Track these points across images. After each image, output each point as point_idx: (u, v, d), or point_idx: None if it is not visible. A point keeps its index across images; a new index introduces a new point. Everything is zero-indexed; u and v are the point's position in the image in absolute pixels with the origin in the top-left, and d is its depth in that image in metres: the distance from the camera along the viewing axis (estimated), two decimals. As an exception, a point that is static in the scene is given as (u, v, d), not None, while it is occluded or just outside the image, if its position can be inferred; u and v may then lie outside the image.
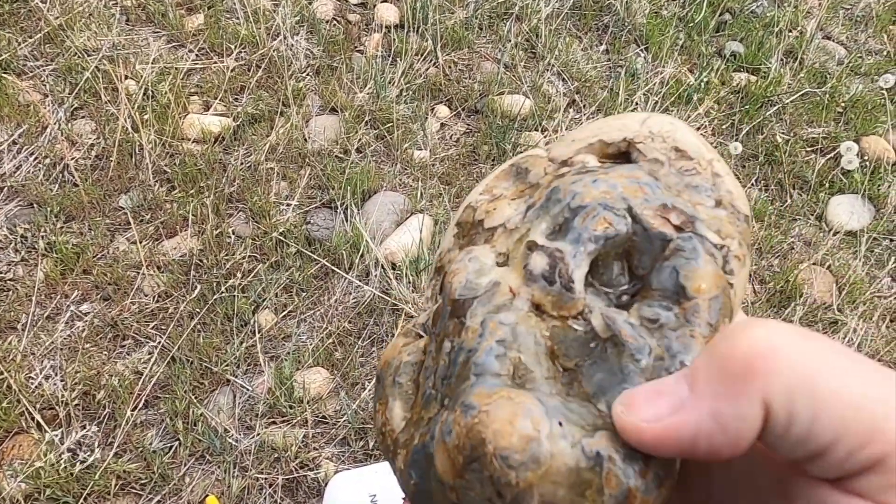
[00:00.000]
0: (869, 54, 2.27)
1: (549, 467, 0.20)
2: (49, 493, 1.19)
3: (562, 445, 0.20)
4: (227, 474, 1.27)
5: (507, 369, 0.22)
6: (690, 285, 0.22)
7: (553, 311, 0.23)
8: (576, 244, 0.23)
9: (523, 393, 0.21)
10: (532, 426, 0.20)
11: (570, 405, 0.22)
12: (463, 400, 0.21)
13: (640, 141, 0.26)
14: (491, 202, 0.27)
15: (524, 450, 0.20)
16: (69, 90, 1.72)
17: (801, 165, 1.93)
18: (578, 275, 0.23)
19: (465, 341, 0.23)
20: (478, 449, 0.20)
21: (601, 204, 0.23)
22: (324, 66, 1.91)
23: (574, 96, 1.99)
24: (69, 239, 1.50)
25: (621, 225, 0.23)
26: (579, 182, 0.24)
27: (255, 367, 1.41)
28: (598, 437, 0.21)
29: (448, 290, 0.24)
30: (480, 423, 0.20)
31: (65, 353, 1.37)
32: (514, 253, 0.24)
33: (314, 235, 1.60)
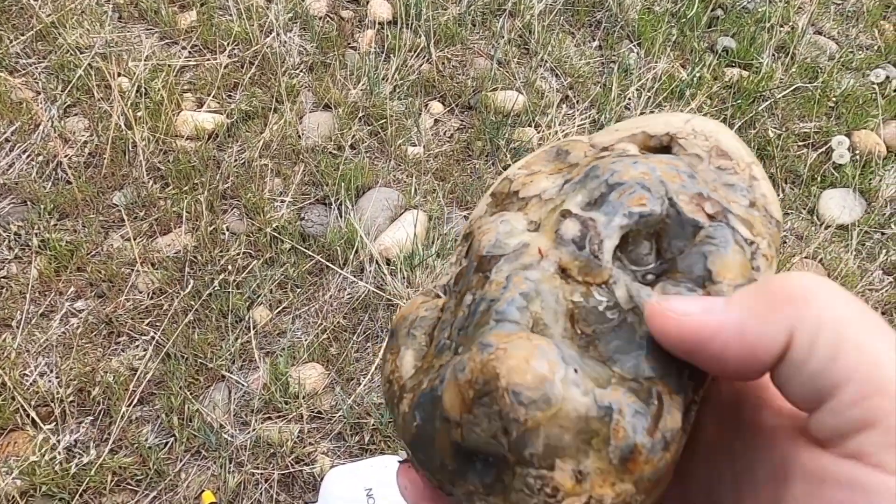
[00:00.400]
0: (860, 49, 2.28)
1: (560, 410, 0.20)
2: (44, 489, 1.19)
3: (574, 391, 0.20)
4: (223, 470, 1.28)
5: (527, 321, 0.22)
6: (717, 270, 0.23)
7: (579, 276, 0.23)
8: (610, 216, 0.23)
9: (542, 337, 0.21)
10: (548, 367, 0.20)
11: (586, 359, 0.22)
12: (480, 339, 0.22)
13: (682, 136, 0.26)
14: (528, 175, 0.27)
15: (537, 388, 0.20)
16: (62, 87, 1.72)
17: (793, 160, 1.94)
18: (608, 245, 0.23)
19: (489, 292, 0.23)
20: (490, 383, 0.20)
21: (639, 183, 0.24)
22: (317, 62, 1.91)
23: (567, 92, 2.00)
24: (63, 236, 1.50)
25: (656, 205, 0.23)
26: (619, 162, 0.24)
27: (250, 363, 1.41)
28: (610, 389, 0.21)
29: (476, 247, 0.25)
30: (496, 359, 0.21)
31: (59, 350, 1.36)
32: (547, 220, 0.24)
33: (308, 231, 1.60)
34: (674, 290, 0.23)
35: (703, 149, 0.26)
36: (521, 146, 1.82)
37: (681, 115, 0.27)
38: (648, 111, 1.96)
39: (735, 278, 0.23)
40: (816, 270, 1.72)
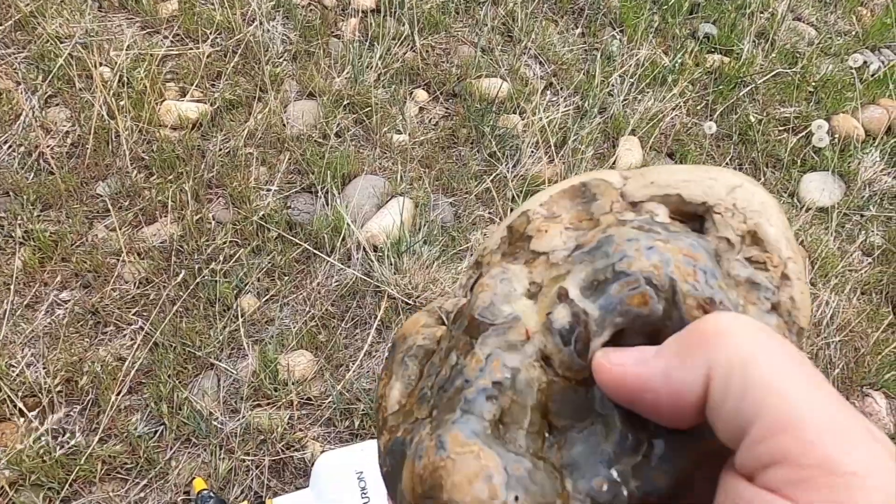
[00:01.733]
0: (838, 35, 2.31)
1: None
2: (34, 478, 1.19)
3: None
4: (214, 457, 1.28)
5: (493, 414, 0.22)
6: None
7: (559, 368, 0.22)
8: (604, 311, 0.22)
9: (493, 456, 0.21)
10: (488, 493, 0.20)
11: (536, 474, 0.21)
12: (441, 434, 0.22)
13: (719, 212, 0.24)
14: (545, 220, 0.26)
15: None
16: (42, 77, 1.70)
17: (774, 144, 1.96)
18: (595, 343, 0.22)
19: (467, 368, 0.23)
20: (435, 490, 0.21)
21: (646, 277, 0.22)
22: (301, 51, 1.90)
23: (551, 79, 2.01)
24: (47, 227, 1.49)
25: (657, 306, 0.22)
26: (634, 243, 0.22)
27: (239, 351, 1.41)
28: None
29: (472, 303, 0.25)
30: (444, 469, 0.21)
31: (46, 340, 1.36)
32: (547, 290, 0.23)
33: (295, 220, 1.60)
34: None
35: (738, 232, 0.23)
36: (506, 133, 1.82)
37: (731, 176, 0.24)
38: (632, 97, 1.98)
39: None
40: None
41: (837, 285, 1.69)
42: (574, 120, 1.89)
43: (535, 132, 1.81)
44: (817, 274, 1.71)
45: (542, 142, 1.81)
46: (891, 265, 1.77)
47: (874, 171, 1.92)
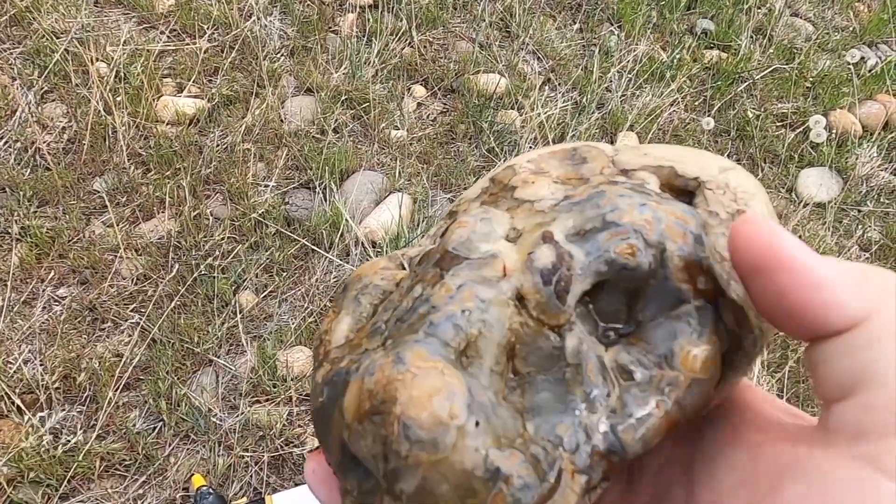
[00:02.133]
0: (835, 31, 2.31)
1: (444, 459, 0.19)
2: (32, 476, 1.19)
3: (468, 444, 0.19)
4: (213, 453, 1.27)
5: (458, 343, 0.21)
6: (681, 356, 0.21)
7: (534, 310, 0.21)
8: (590, 257, 0.21)
9: (458, 375, 0.20)
10: (449, 411, 0.19)
11: (500, 409, 0.20)
12: (400, 351, 0.20)
13: (710, 187, 0.23)
14: (533, 173, 0.25)
15: (429, 429, 0.19)
16: (38, 73, 1.69)
17: (772, 140, 1.97)
18: (576, 289, 0.21)
19: (435, 296, 0.21)
20: (386, 405, 0.19)
21: (637, 230, 0.21)
22: (298, 46, 1.90)
23: (549, 75, 2.01)
24: (43, 223, 1.48)
25: (644, 260, 0.21)
26: (627, 199, 0.22)
27: (238, 347, 1.41)
28: (507, 453, 0.19)
29: (447, 237, 0.23)
30: (401, 382, 0.19)
31: (43, 337, 1.35)
32: (529, 234, 0.22)
33: (293, 216, 1.59)
34: (627, 359, 0.21)
35: (727, 210, 0.22)
36: (505, 129, 1.82)
37: (723, 160, 0.24)
38: (630, 93, 1.98)
39: (697, 371, 0.20)
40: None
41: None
42: (572, 115, 1.89)
43: (534, 128, 1.81)
44: (815, 269, 1.71)
45: (540, 137, 1.81)
46: (888, 260, 1.77)
47: (871, 166, 1.93)
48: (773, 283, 0.19)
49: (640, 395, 0.20)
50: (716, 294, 0.21)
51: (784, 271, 0.19)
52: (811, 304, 0.19)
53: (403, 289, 0.23)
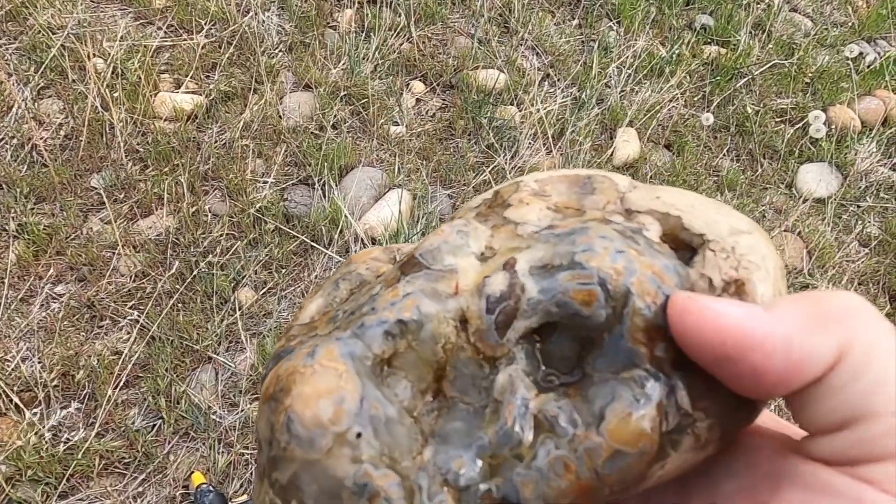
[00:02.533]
0: (834, 26, 2.31)
1: (317, 461, 0.19)
2: (31, 474, 1.18)
3: (343, 453, 0.19)
4: (213, 450, 1.27)
5: (384, 351, 0.20)
6: (610, 422, 0.19)
7: (473, 335, 0.20)
8: (542, 295, 0.20)
9: (357, 384, 0.20)
10: (333, 415, 0.19)
11: (396, 426, 0.20)
12: (318, 345, 0.20)
13: (713, 248, 0.21)
14: (533, 195, 0.24)
15: (308, 428, 0.19)
16: (34, 69, 1.68)
17: (771, 135, 1.96)
18: (520, 324, 0.20)
19: (381, 297, 0.21)
20: (281, 394, 0.20)
21: (602, 278, 0.20)
22: (296, 42, 1.89)
23: (548, 70, 2.00)
24: (41, 220, 1.47)
25: (601, 311, 0.20)
26: (605, 241, 0.20)
27: (237, 345, 1.40)
28: (382, 472, 0.19)
29: (421, 242, 0.23)
30: (300, 376, 0.20)
31: (41, 334, 1.34)
32: (498, 258, 0.21)
33: (292, 212, 1.59)
34: (555, 410, 0.20)
35: (724, 277, 0.20)
36: (504, 124, 1.81)
37: (741, 221, 0.22)
38: (629, 89, 1.97)
39: (624, 443, 0.19)
40: (795, 243, 1.75)
41: (835, 276, 1.69)
42: (572, 111, 1.88)
43: (533, 123, 1.80)
44: (815, 265, 1.71)
45: (539, 133, 1.81)
46: (887, 256, 1.77)
47: (871, 161, 1.92)
48: (740, 370, 0.18)
49: (555, 451, 0.19)
50: (672, 368, 0.19)
51: (744, 352, 0.18)
52: (785, 369, 0.18)
53: (374, 284, 0.23)
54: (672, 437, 0.19)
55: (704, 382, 0.19)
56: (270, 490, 0.20)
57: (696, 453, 0.20)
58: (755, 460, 0.21)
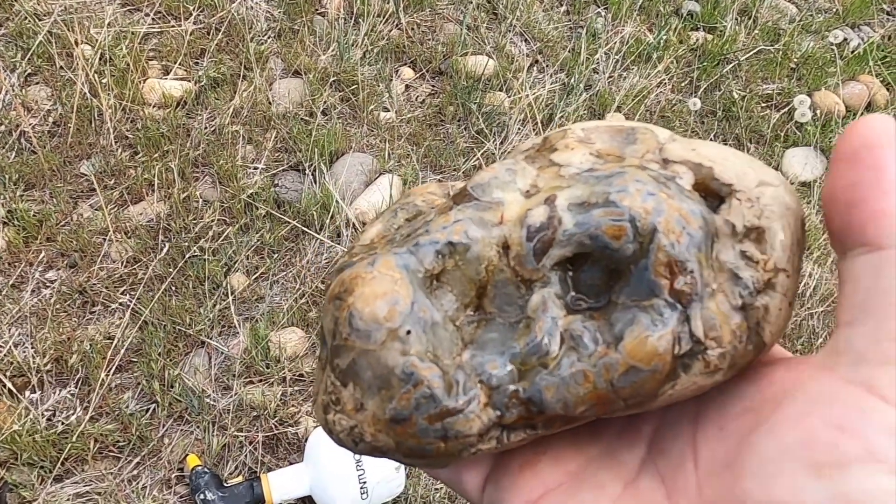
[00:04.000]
0: (819, 12, 2.33)
1: (373, 351, 0.22)
2: (25, 457, 1.18)
3: (394, 345, 0.22)
4: (207, 433, 1.28)
5: (434, 267, 0.23)
6: (628, 341, 0.21)
7: (513, 260, 0.23)
8: (578, 227, 0.22)
9: (409, 289, 0.23)
10: (387, 312, 0.22)
11: (440, 330, 0.23)
12: (377, 256, 0.23)
13: (740, 198, 0.22)
14: (578, 141, 0.25)
15: (367, 323, 0.22)
16: (21, 55, 1.67)
17: (757, 120, 1.99)
18: (555, 252, 0.22)
19: (434, 222, 0.24)
20: (345, 294, 0.23)
21: (633, 217, 0.21)
22: (285, 28, 1.88)
23: (537, 56, 2.01)
24: (30, 206, 1.47)
25: (628, 246, 0.21)
26: (639, 185, 0.22)
27: (230, 329, 1.41)
28: (426, 364, 0.22)
29: (471, 177, 0.25)
30: (362, 279, 0.23)
31: (33, 320, 1.34)
32: (540, 195, 0.23)
33: (283, 198, 1.59)
34: (580, 329, 0.22)
35: (746, 224, 0.22)
36: (493, 110, 1.82)
37: (769, 174, 0.23)
38: (617, 74, 1.98)
39: (640, 359, 0.21)
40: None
41: (820, 257, 1.72)
42: (560, 97, 1.89)
43: (522, 109, 1.81)
44: (800, 247, 1.74)
45: (529, 118, 1.82)
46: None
47: (855, 145, 1.95)
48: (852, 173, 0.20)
49: (577, 363, 0.22)
50: (689, 299, 0.21)
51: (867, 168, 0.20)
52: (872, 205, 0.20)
53: (429, 213, 0.26)
54: (684, 360, 0.21)
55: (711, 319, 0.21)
56: (332, 374, 0.23)
57: (706, 378, 0.22)
58: (764, 383, 0.22)
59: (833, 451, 0.18)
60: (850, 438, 0.18)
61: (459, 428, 0.22)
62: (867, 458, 0.18)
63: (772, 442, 0.19)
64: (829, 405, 0.19)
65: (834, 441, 0.18)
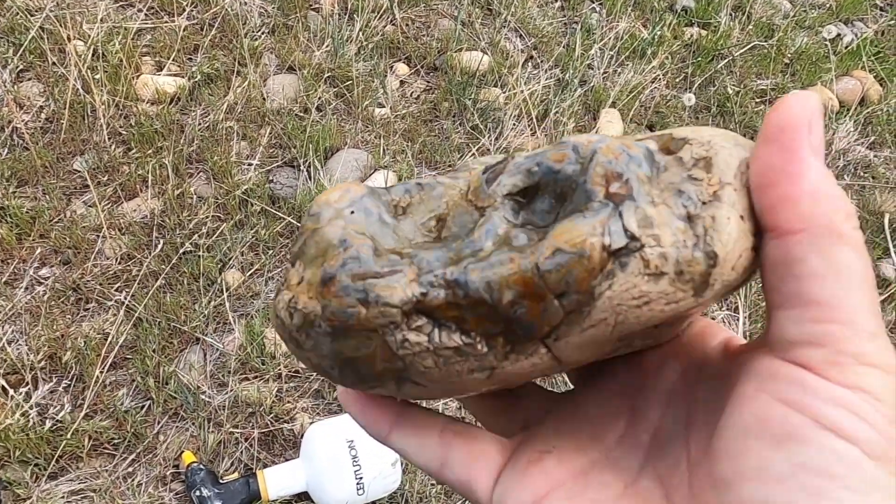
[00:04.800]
0: (812, 8, 2.34)
1: (319, 229, 0.24)
2: (19, 455, 1.18)
3: (337, 222, 0.24)
4: (203, 430, 1.27)
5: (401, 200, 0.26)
6: (556, 229, 0.21)
7: (471, 196, 0.25)
8: (527, 161, 0.24)
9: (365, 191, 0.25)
10: (338, 198, 0.25)
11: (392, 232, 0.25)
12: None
13: (692, 144, 0.23)
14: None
15: (318, 206, 0.25)
16: (13, 51, 1.66)
17: (752, 115, 1.99)
18: (505, 180, 0.24)
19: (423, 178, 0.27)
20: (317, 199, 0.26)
21: (574, 145, 0.23)
22: (279, 24, 1.88)
23: (532, 52, 2.01)
24: (23, 203, 1.46)
25: (569, 167, 0.23)
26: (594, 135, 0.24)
27: (225, 326, 1.41)
28: (361, 238, 0.23)
29: None
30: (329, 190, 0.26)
31: (27, 317, 1.34)
32: None
33: (278, 194, 1.58)
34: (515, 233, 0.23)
35: (695, 156, 0.23)
36: (488, 106, 1.82)
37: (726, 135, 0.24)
38: (611, 70, 1.98)
39: (563, 244, 0.21)
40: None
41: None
42: (555, 92, 1.89)
43: (517, 104, 1.81)
44: (794, 241, 1.74)
45: (524, 114, 1.81)
46: (865, 233, 1.81)
47: (848, 141, 1.96)
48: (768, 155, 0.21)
49: (505, 251, 0.22)
50: (623, 199, 0.21)
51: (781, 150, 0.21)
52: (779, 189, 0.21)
53: None
54: (620, 257, 0.21)
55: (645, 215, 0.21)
56: (288, 260, 0.26)
57: (650, 282, 0.21)
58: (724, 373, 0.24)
59: (785, 423, 0.20)
60: (797, 411, 0.20)
61: (381, 292, 0.22)
62: (816, 428, 0.19)
63: (733, 423, 0.21)
64: (774, 382, 0.21)
65: (783, 415, 0.20)
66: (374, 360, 0.23)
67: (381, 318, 0.22)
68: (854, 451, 0.19)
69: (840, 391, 0.19)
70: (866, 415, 0.19)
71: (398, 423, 0.27)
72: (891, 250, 1.75)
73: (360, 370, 0.24)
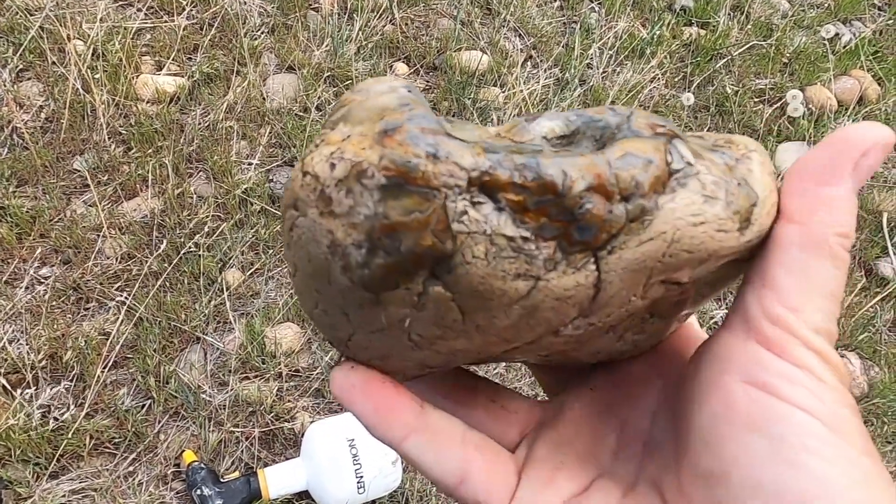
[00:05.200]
0: (811, 7, 2.34)
1: (366, 100, 0.22)
2: (20, 454, 1.18)
3: (392, 96, 0.22)
4: (203, 429, 1.28)
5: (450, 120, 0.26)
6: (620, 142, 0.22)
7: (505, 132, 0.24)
8: (572, 113, 0.24)
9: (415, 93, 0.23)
10: (388, 81, 0.23)
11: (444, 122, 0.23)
12: None
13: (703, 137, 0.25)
14: None
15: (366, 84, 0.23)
16: (13, 51, 1.66)
17: (750, 115, 1.99)
18: (543, 122, 0.24)
19: None
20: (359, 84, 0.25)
21: (611, 107, 0.24)
22: (279, 23, 1.88)
23: (531, 52, 2.01)
24: (23, 203, 1.46)
25: (610, 119, 0.23)
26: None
27: (225, 325, 1.41)
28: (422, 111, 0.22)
29: None
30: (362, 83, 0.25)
31: (27, 317, 1.34)
32: None
33: (278, 193, 1.59)
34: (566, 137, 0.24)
35: (713, 138, 0.25)
36: (488, 105, 1.83)
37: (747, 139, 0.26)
38: (610, 69, 1.99)
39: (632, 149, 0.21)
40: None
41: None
42: (554, 92, 1.90)
43: (517, 104, 1.82)
44: (793, 241, 1.75)
45: (523, 113, 1.82)
46: (862, 231, 1.81)
47: (847, 140, 1.96)
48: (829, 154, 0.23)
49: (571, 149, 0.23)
50: (673, 135, 0.22)
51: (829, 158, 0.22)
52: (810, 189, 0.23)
53: None
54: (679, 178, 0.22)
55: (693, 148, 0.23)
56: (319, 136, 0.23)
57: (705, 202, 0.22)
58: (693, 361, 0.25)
59: (751, 404, 0.20)
60: (758, 388, 0.20)
61: (451, 150, 0.20)
62: (780, 403, 0.20)
63: (704, 414, 0.22)
64: (732, 362, 0.22)
65: (747, 395, 0.21)
66: (424, 231, 0.20)
67: (448, 178, 0.20)
68: (816, 423, 0.19)
69: (792, 369, 0.20)
70: (817, 391, 0.20)
71: (417, 429, 0.24)
72: (889, 249, 1.76)
73: (400, 245, 0.20)
